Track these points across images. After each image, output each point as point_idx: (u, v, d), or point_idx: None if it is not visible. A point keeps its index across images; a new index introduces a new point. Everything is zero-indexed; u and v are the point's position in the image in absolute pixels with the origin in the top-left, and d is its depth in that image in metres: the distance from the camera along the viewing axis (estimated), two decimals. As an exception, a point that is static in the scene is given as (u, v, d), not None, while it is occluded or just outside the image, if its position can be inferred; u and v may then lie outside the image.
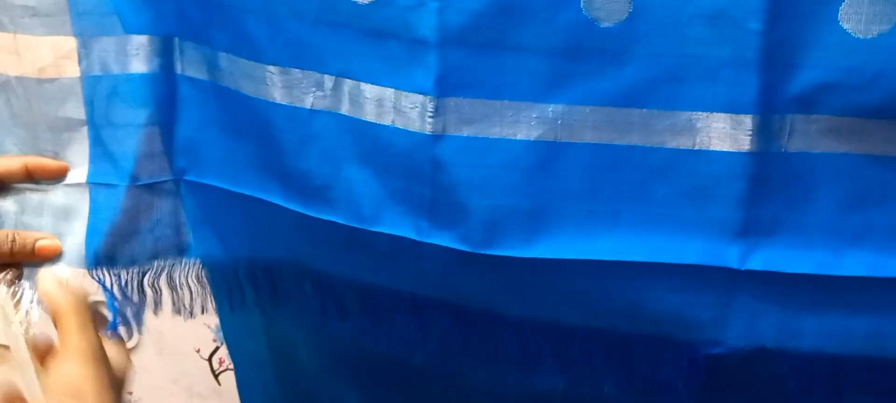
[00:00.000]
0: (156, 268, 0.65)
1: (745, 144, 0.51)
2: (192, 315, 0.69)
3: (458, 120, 0.54)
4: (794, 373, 0.57)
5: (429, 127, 0.54)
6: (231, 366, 0.87)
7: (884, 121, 0.50)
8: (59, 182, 0.62)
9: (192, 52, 0.61)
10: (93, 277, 0.62)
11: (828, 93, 0.50)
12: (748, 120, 0.51)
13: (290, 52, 0.56)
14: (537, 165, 0.54)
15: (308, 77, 0.57)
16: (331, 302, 0.66)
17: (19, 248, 0.59)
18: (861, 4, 0.48)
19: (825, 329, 0.55)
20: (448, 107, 0.54)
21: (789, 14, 0.49)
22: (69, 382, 0.55)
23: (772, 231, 0.53)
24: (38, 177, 0.61)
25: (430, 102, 0.53)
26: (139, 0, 0.59)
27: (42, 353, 0.57)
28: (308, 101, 0.57)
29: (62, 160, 0.62)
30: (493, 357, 0.63)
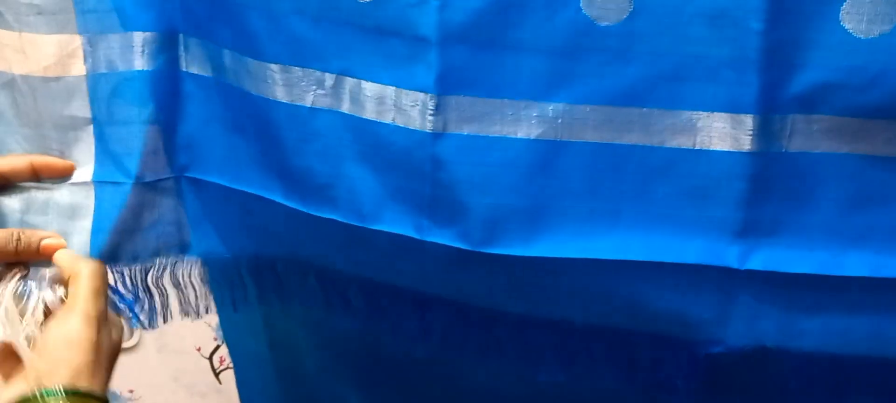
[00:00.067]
0: (158, 266, 0.66)
1: (746, 144, 0.51)
2: (198, 315, 0.69)
3: (458, 118, 0.54)
4: (795, 373, 0.57)
5: (429, 125, 0.54)
6: (232, 364, 0.87)
7: (885, 122, 0.50)
8: (65, 181, 0.62)
9: (196, 48, 0.61)
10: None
11: (829, 94, 0.50)
12: (749, 120, 0.51)
13: (291, 49, 0.56)
14: (537, 164, 0.54)
15: (309, 75, 0.57)
16: (335, 296, 0.66)
17: (25, 247, 0.59)
18: (862, 4, 0.48)
19: (826, 329, 0.55)
20: (449, 105, 0.54)
21: (790, 14, 0.49)
22: (67, 336, 0.55)
23: (772, 231, 0.53)
24: (43, 176, 0.61)
25: (430, 100, 0.53)
26: None
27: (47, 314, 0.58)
28: (309, 100, 0.57)
29: (68, 158, 0.62)
30: (494, 354, 0.63)
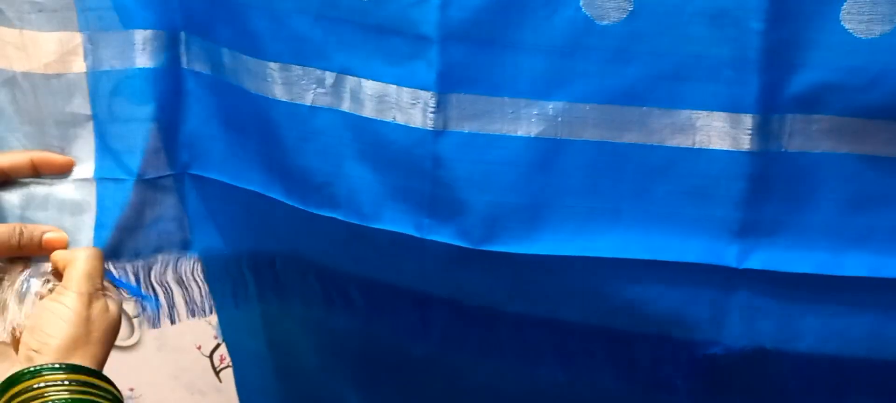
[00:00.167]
0: (161, 263, 0.66)
1: (745, 143, 0.51)
2: (205, 313, 0.69)
3: (459, 116, 0.54)
4: (794, 374, 0.57)
5: (430, 123, 0.54)
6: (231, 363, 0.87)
7: (885, 122, 0.50)
8: (65, 177, 0.62)
9: (197, 46, 0.61)
10: None
11: (829, 94, 0.50)
12: (748, 119, 0.51)
13: (291, 48, 0.56)
14: (537, 162, 0.54)
15: (309, 74, 0.57)
16: (334, 294, 0.66)
17: (27, 241, 0.59)
18: (863, 4, 0.48)
19: (825, 330, 0.55)
20: (450, 103, 0.54)
21: (791, 14, 0.49)
22: (58, 311, 0.56)
23: (771, 231, 0.53)
24: (43, 172, 0.61)
25: (431, 98, 0.53)
26: None
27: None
28: (309, 98, 0.57)
29: (69, 155, 0.62)
30: (494, 353, 0.63)
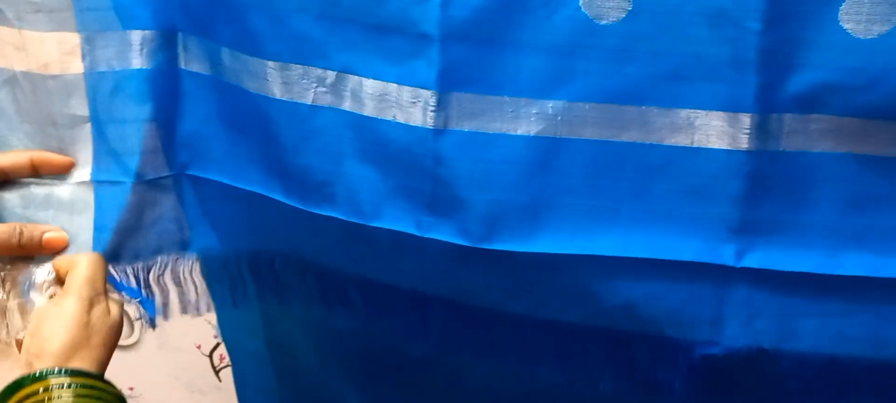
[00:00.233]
0: (160, 264, 0.66)
1: (743, 143, 0.51)
2: (199, 311, 0.69)
3: (459, 114, 0.54)
4: (792, 374, 0.57)
5: (430, 121, 0.54)
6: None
7: (883, 122, 0.50)
8: (65, 177, 0.62)
9: (195, 47, 0.61)
10: None
11: (827, 94, 0.50)
12: (746, 118, 0.51)
13: (292, 47, 0.56)
14: (537, 161, 0.54)
15: (310, 73, 0.57)
16: (333, 294, 0.66)
17: (27, 240, 0.60)
18: (861, 5, 0.48)
19: (823, 330, 0.55)
20: (450, 102, 0.54)
21: (789, 14, 0.49)
22: (58, 315, 0.56)
23: (769, 230, 0.53)
24: (43, 172, 0.61)
25: (432, 97, 0.54)
26: None
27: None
28: (309, 97, 0.57)
29: (68, 156, 0.62)
30: (492, 353, 0.63)
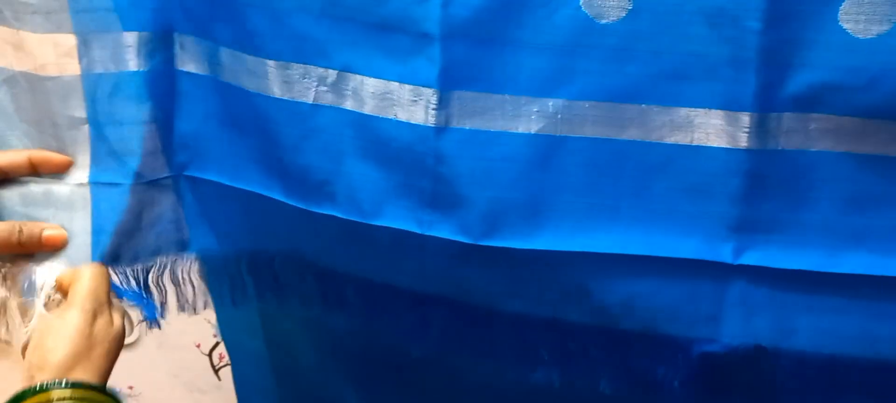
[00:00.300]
0: (159, 265, 0.66)
1: (743, 141, 0.52)
2: (195, 310, 0.69)
3: (460, 113, 0.54)
4: (790, 373, 0.57)
5: (432, 119, 0.54)
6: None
7: (882, 122, 0.50)
8: (63, 177, 0.62)
9: (192, 47, 0.61)
10: None
11: (827, 93, 0.50)
12: (746, 117, 0.51)
13: (293, 46, 0.57)
14: (538, 159, 0.54)
15: (311, 71, 0.57)
16: (333, 294, 0.66)
17: (27, 238, 0.60)
18: (861, 4, 0.48)
19: (820, 328, 0.55)
20: (451, 100, 0.54)
21: (789, 14, 0.49)
22: (60, 327, 0.56)
23: (767, 228, 0.53)
24: (42, 171, 0.61)
25: (433, 95, 0.54)
26: None
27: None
28: (310, 96, 0.57)
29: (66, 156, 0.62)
30: (491, 352, 0.63)
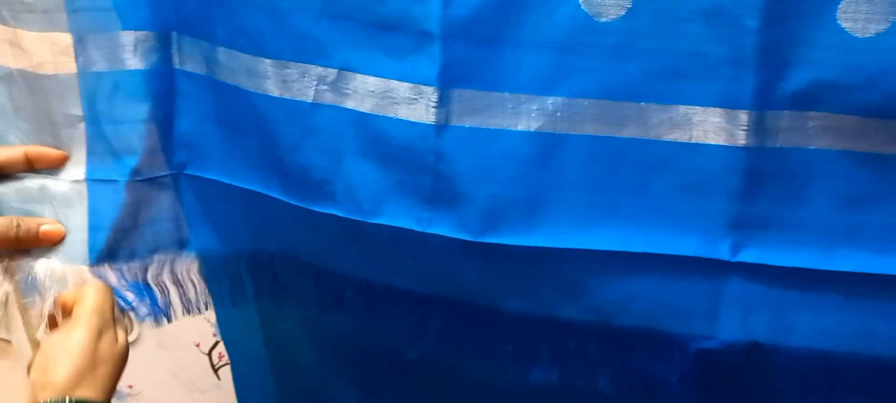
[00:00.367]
0: (157, 263, 0.66)
1: (741, 139, 0.52)
2: (199, 311, 0.69)
3: (460, 110, 0.54)
4: (787, 370, 0.57)
5: (432, 117, 0.54)
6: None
7: (880, 120, 0.51)
8: (60, 173, 0.62)
9: (190, 46, 0.61)
10: (94, 274, 0.62)
11: (825, 91, 0.50)
12: (744, 115, 0.51)
13: (293, 45, 0.57)
14: (537, 156, 0.54)
15: (311, 70, 0.57)
16: (331, 293, 0.66)
17: (24, 233, 0.60)
18: (859, 3, 0.48)
19: (817, 325, 0.55)
20: (451, 98, 0.54)
21: (787, 12, 0.49)
22: (64, 344, 0.56)
23: (764, 225, 0.54)
24: (38, 166, 0.61)
25: (434, 93, 0.54)
26: None
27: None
28: (310, 95, 0.57)
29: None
30: (489, 351, 0.63)
